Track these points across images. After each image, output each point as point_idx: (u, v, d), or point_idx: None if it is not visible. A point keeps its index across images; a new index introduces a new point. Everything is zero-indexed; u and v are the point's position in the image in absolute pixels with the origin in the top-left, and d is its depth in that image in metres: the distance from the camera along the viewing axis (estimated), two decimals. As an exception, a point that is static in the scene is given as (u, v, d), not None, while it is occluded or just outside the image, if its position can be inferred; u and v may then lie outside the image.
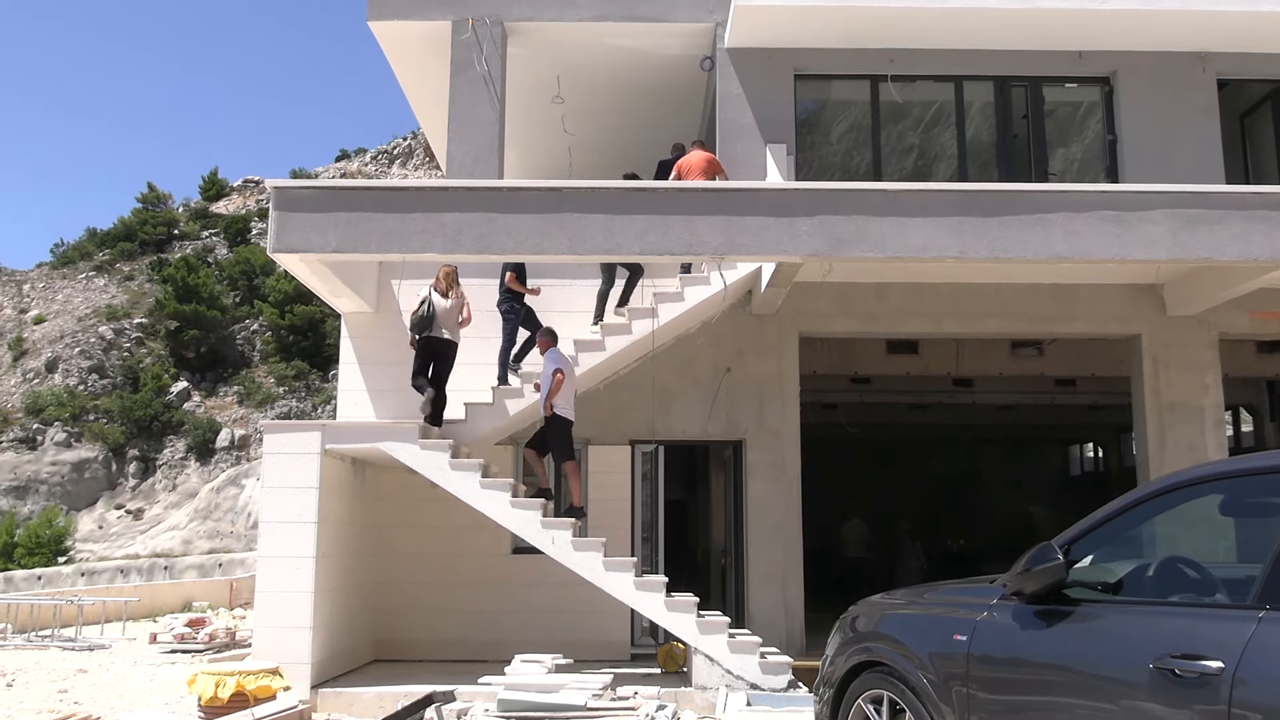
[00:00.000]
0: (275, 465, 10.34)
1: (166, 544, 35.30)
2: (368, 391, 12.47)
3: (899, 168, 13.73)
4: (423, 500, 11.74)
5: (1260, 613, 3.06)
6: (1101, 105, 13.60)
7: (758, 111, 13.09)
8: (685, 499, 18.58)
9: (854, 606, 5.33)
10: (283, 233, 9.69)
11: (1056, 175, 13.56)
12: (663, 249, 9.82)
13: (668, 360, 12.47)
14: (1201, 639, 3.16)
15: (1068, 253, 9.80)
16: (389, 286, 12.64)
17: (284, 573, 10.08)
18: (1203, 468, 3.77)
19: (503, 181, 11.69)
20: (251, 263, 47.91)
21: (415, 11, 13.29)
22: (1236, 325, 12.75)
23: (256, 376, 43.70)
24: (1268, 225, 9.83)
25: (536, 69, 14.30)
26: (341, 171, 58.33)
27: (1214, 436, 12.60)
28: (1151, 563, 3.82)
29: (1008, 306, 12.70)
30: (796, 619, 12.20)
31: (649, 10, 13.27)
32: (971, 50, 13.24)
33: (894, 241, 9.73)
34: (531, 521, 10.12)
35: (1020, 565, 3.89)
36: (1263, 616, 3.04)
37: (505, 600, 12.17)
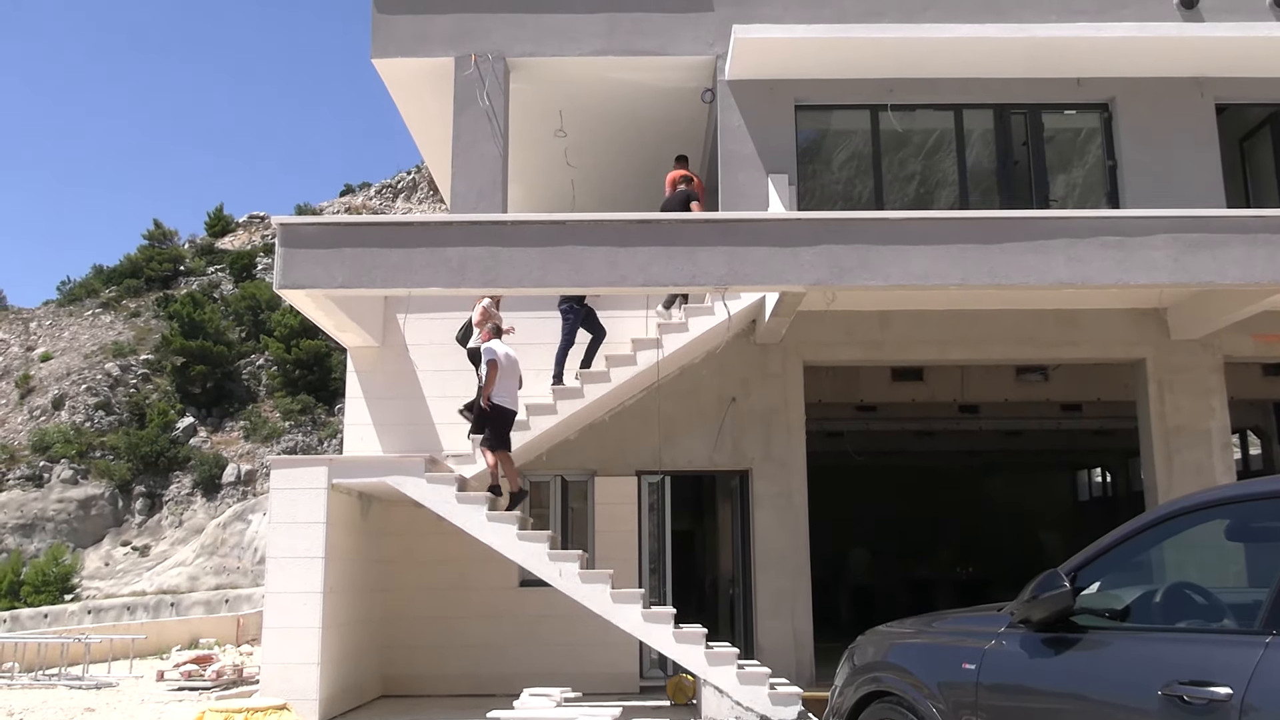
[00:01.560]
0: (282, 500, 10.35)
1: (173, 580, 35.23)
2: (374, 425, 12.49)
3: (901, 195, 13.79)
4: (429, 534, 11.73)
5: (1267, 638, 3.06)
6: (1101, 131, 13.67)
7: (759, 142, 13.17)
8: (692, 529, 18.53)
9: (862, 636, 5.32)
10: (289, 269, 9.75)
11: (1057, 201, 13.62)
12: (666, 280, 9.86)
13: (673, 391, 12.49)
14: (1209, 665, 3.16)
15: (1070, 278, 9.83)
16: (394, 321, 12.70)
17: (291, 608, 10.06)
18: (1207, 493, 3.77)
19: (506, 215, 11.77)
20: (257, 298, 48.11)
21: (419, 49, 13.43)
22: (1241, 348, 12.74)
23: (263, 411, 43.76)
24: (1269, 248, 9.85)
25: (539, 103, 14.42)
26: (346, 206, 58.65)
27: (1221, 460, 12.57)
28: (1158, 589, 3.82)
29: (1012, 332, 12.72)
30: (806, 649, 12.14)
31: (650, 44, 13.39)
32: (970, 79, 13.33)
33: (896, 270, 9.76)
34: (538, 554, 10.11)
35: (1027, 593, 3.89)
36: (1270, 642, 3.04)
37: (513, 634, 12.13)
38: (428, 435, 12.11)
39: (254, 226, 58.13)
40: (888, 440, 20.43)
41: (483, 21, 13.47)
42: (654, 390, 12.24)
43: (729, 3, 13.42)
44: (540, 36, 13.45)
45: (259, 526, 35.73)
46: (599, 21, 13.41)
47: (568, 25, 13.44)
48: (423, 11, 13.50)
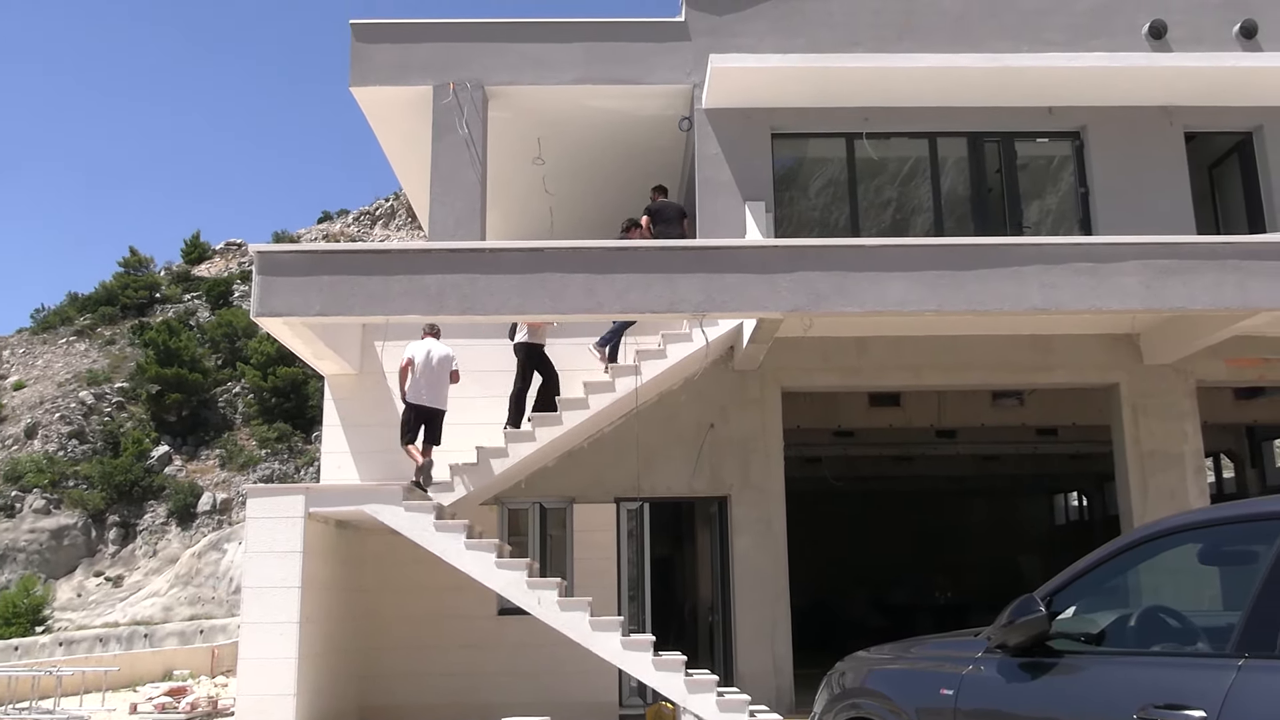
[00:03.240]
0: (258, 529, 10.28)
1: (147, 611, 34.80)
2: (351, 454, 12.44)
3: (876, 222, 13.92)
4: (408, 563, 11.67)
5: (1240, 661, 3.09)
6: (1073, 159, 13.86)
7: (736, 170, 13.27)
8: (671, 556, 18.50)
9: (841, 662, 5.33)
10: (266, 297, 9.73)
11: (1031, 228, 13.77)
12: (644, 307, 9.89)
13: (651, 417, 12.50)
14: (1183, 688, 3.18)
15: (1044, 304, 9.93)
16: (372, 348, 12.67)
17: (267, 639, 9.97)
18: (1180, 517, 3.81)
19: (485, 243, 11.79)
20: (234, 325, 47.86)
21: (397, 78, 13.49)
22: (1214, 373, 12.88)
23: (239, 439, 43.44)
24: (1239, 274, 9.99)
25: (517, 131, 14.49)
26: (324, 233, 58.54)
27: (1195, 484, 12.67)
28: (1133, 612, 3.85)
29: (987, 358, 12.82)
30: (785, 676, 12.12)
31: (627, 73, 13.50)
32: (944, 107, 13.50)
33: (873, 296, 9.84)
34: (517, 582, 10.07)
35: (1004, 618, 3.92)
36: (1242, 665, 3.07)
37: (492, 662, 12.05)
38: (406, 463, 12.05)
39: (231, 253, 57.90)
40: (866, 465, 20.52)
41: (461, 50, 13.55)
42: (632, 417, 12.25)
43: (706, 32, 13.56)
44: (519, 65, 13.54)
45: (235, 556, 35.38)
46: (577, 50, 13.52)
47: (546, 54, 13.53)
48: (401, 41, 13.57)
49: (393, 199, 58.27)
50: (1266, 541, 3.27)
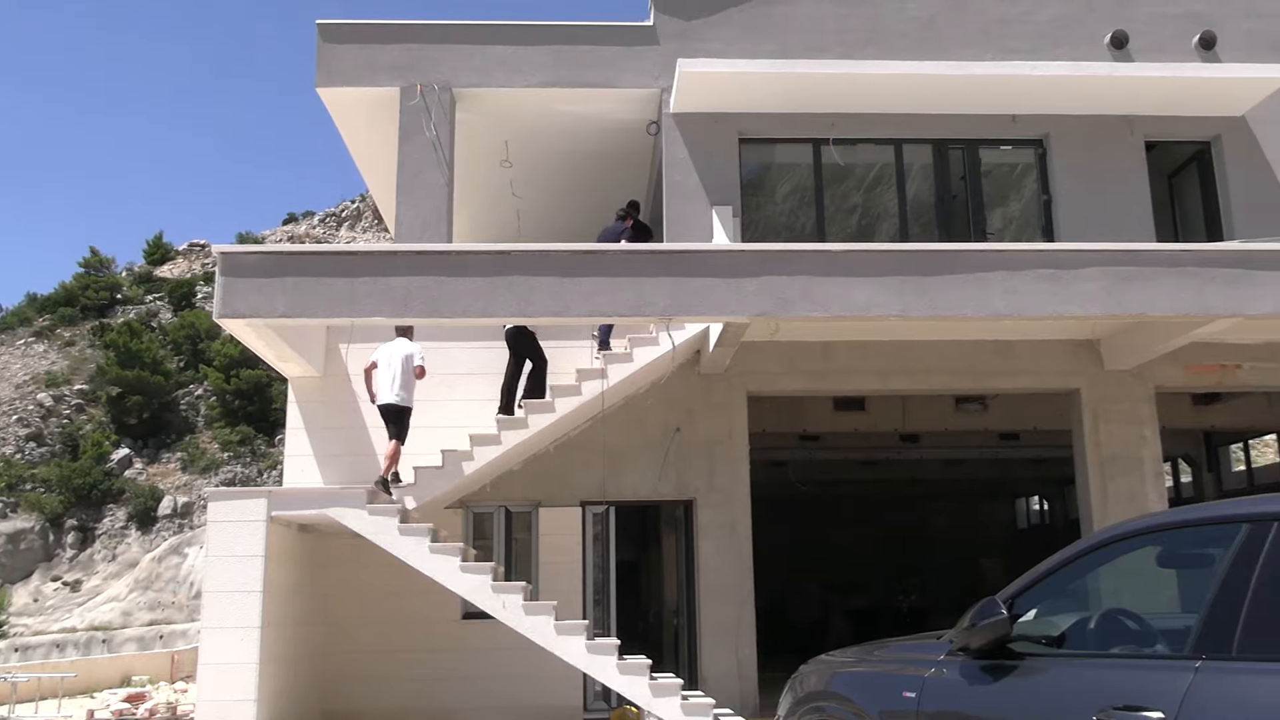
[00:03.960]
0: (220, 533, 10.17)
1: (105, 616, 34.31)
2: (315, 457, 12.34)
3: (842, 228, 14.00)
4: (371, 567, 11.58)
5: (1197, 662, 3.12)
6: (1036, 166, 14.01)
7: (703, 174, 13.31)
8: (637, 560, 18.50)
9: (805, 665, 5.34)
10: (229, 298, 9.63)
11: (995, 234, 13.91)
12: (611, 310, 9.89)
13: (618, 421, 12.49)
14: (1142, 690, 3.22)
15: (1007, 310, 10.02)
16: (337, 350, 12.58)
17: (228, 644, 9.87)
18: (1139, 520, 3.86)
19: (451, 245, 11.74)
20: (196, 327, 47.32)
21: (364, 79, 13.41)
22: (1172, 379, 13.06)
23: (201, 442, 42.95)
24: (1197, 281, 10.14)
25: (485, 134, 14.44)
26: (289, 234, 58.03)
27: (1154, 488, 12.84)
28: (1093, 615, 3.89)
29: (951, 363, 12.92)
30: (750, 679, 12.14)
31: (596, 77, 13.50)
32: (910, 114, 13.61)
33: (838, 301, 9.89)
34: (481, 586, 10.03)
35: (966, 621, 3.94)
36: (1199, 666, 3.10)
37: (455, 667, 11.99)
38: (370, 466, 11.98)
39: (194, 254, 57.27)
40: (831, 469, 20.62)
41: (429, 52, 13.49)
42: (599, 421, 12.24)
43: (674, 37, 13.59)
44: (486, 68, 13.50)
45: (196, 560, 34.97)
46: (545, 53, 13.50)
47: (514, 57, 13.50)
48: (369, 42, 13.50)
49: (359, 201, 57.87)
50: (1223, 545, 3.31)
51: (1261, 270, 10.16)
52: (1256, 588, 3.10)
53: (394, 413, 11.25)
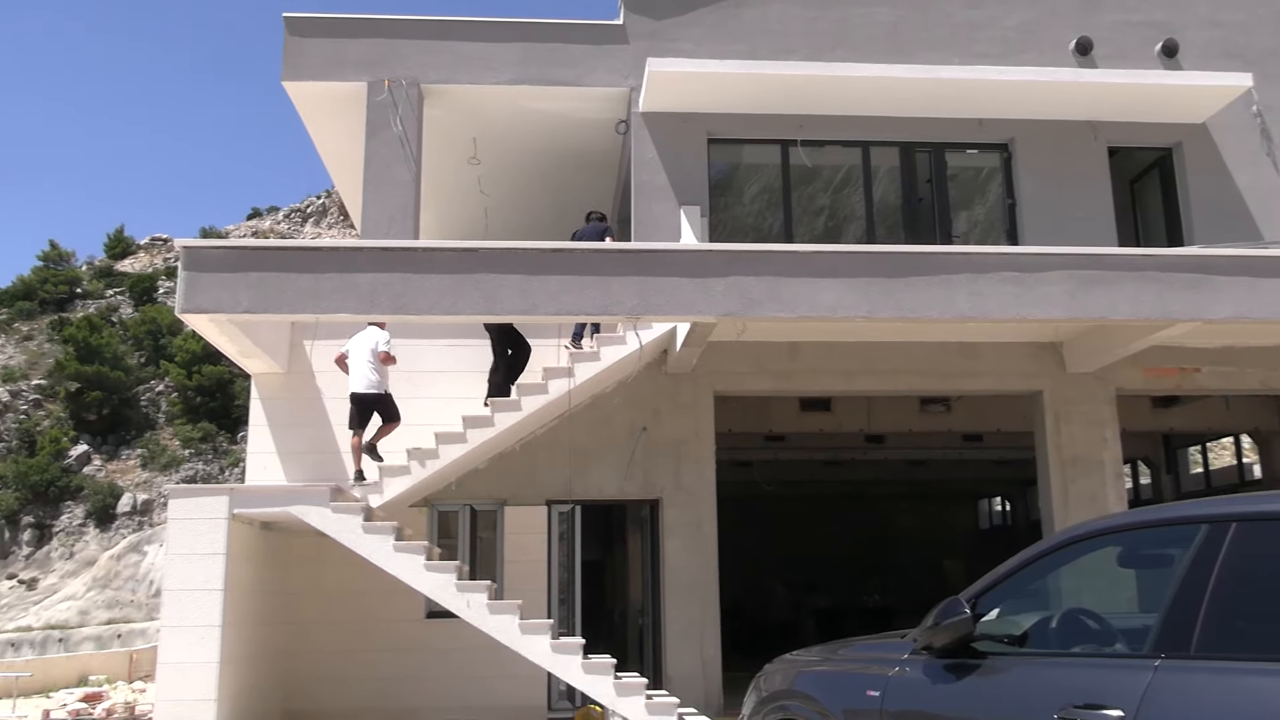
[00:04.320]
0: (180, 531, 10.05)
1: (62, 615, 33.80)
2: (278, 454, 12.23)
3: (810, 229, 14.06)
4: (335, 565, 11.49)
5: (1156, 661, 3.16)
6: (1001, 170, 14.14)
7: (672, 174, 13.32)
8: (602, 559, 18.49)
9: (770, 664, 5.36)
10: (192, 293, 9.52)
11: (960, 237, 14.02)
12: (578, 309, 9.87)
13: (584, 420, 12.47)
14: (1102, 688, 3.25)
15: (971, 312, 10.10)
16: (301, 347, 12.47)
17: (188, 643, 9.75)
18: (1100, 521, 3.90)
19: (418, 242, 11.66)
20: (158, 322, 46.73)
21: (331, 73, 13.30)
22: (1132, 381, 13.22)
23: (161, 439, 42.44)
24: (1157, 285, 10.27)
25: (453, 130, 14.37)
26: (253, 230, 57.47)
27: (1114, 489, 12.99)
28: (1054, 615, 3.93)
29: (916, 364, 13.01)
30: (714, 678, 12.16)
31: (565, 75, 13.47)
32: (877, 117, 13.69)
33: (805, 302, 9.93)
34: (446, 585, 9.98)
35: (929, 620, 3.97)
36: (1158, 665, 3.14)
37: (419, 666, 11.92)
38: (334, 464, 11.89)
39: (156, 249, 56.57)
40: (796, 470, 20.70)
41: (397, 47, 13.40)
42: (565, 419, 12.22)
43: (644, 36, 13.59)
44: (455, 64, 13.43)
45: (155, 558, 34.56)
46: (514, 50, 13.45)
47: (483, 53, 13.44)
48: (336, 36, 13.39)
49: (324, 196, 57.40)
50: (1182, 545, 3.36)
51: (1220, 275, 10.31)
52: (1214, 588, 3.14)
53: (364, 402, 11.25)
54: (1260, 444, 17.46)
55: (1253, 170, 14.08)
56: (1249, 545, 3.16)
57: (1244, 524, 3.21)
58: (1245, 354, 13.04)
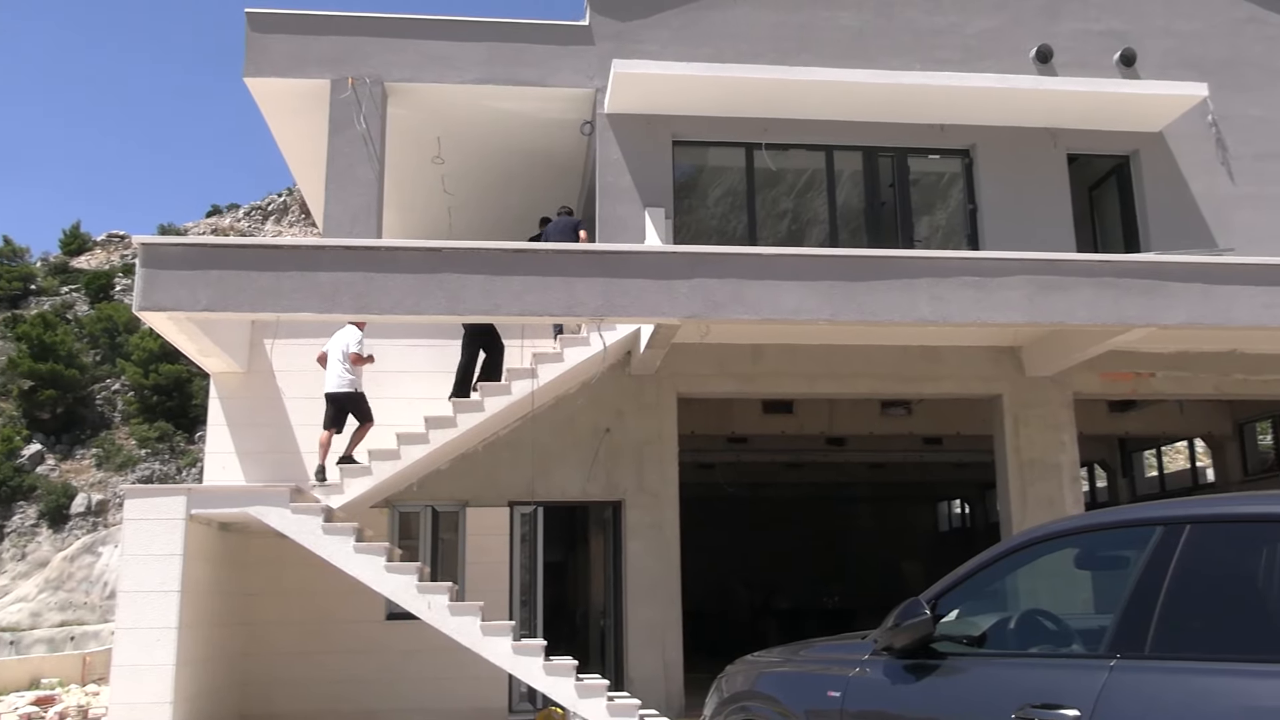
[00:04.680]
0: (136, 531, 9.91)
1: (13, 617, 33.22)
2: (237, 454, 12.10)
3: (773, 232, 14.12)
4: (294, 566, 11.39)
5: (1112, 661, 3.21)
6: (962, 176, 14.28)
7: (637, 175, 13.33)
8: (564, 560, 18.46)
9: (731, 665, 5.37)
10: (150, 290, 9.40)
11: (922, 242, 14.14)
12: (542, 310, 9.85)
13: (547, 421, 12.45)
14: (1059, 688, 3.29)
15: (932, 316, 10.19)
16: (261, 346, 12.35)
17: (143, 645, 9.62)
18: (1057, 523, 3.95)
19: (381, 241, 11.60)
20: (114, 320, 46.07)
21: (293, 70, 13.18)
22: (1090, 386, 13.39)
23: (117, 438, 41.84)
24: (1114, 291, 10.42)
25: (417, 129, 14.29)
26: (213, 227, 56.83)
27: (1071, 492, 13.15)
28: (1013, 615, 3.98)
29: (877, 367, 13.10)
30: (676, 680, 12.18)
31: (530, 75, 13.44)
32: (841, 121, 13.78)
33: (768, 304, 9.97)
34: (406, 586, 9.92)
35: (890, 621, 4.00)
36: (1114, 665, 3.19)
37: (379, 668, 11.84)
38: (293, 465, 11.79)
39: (113, 245, 55.77)
40: (758, 471, 20.78)
41: (361, 45, 13.32)
42: (528, 420, 12.19)
43: (609, 37, 13.59)
44: (420, 62, 13.36)
45: (110, 559, 34.06)
46: (479, 50, 13.41)
47: (447, 52, 13.39)
48: (299, 32, 13.28)
49: (286, 194, 56.85)
50: (1137, 547, 3.41)
51: (1175, 282, 10.48)
52: (1169, 589, 3.19)
53: (336, 401, 11.33)
54: (1213, 448, 17.75)
55: (1207, 179, 14.32)
56: (1202, 547, 3.21)
57: (1198, 526, 3.26)
58: (1198, 359, 13.26)
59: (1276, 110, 14.63)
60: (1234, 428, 16.98)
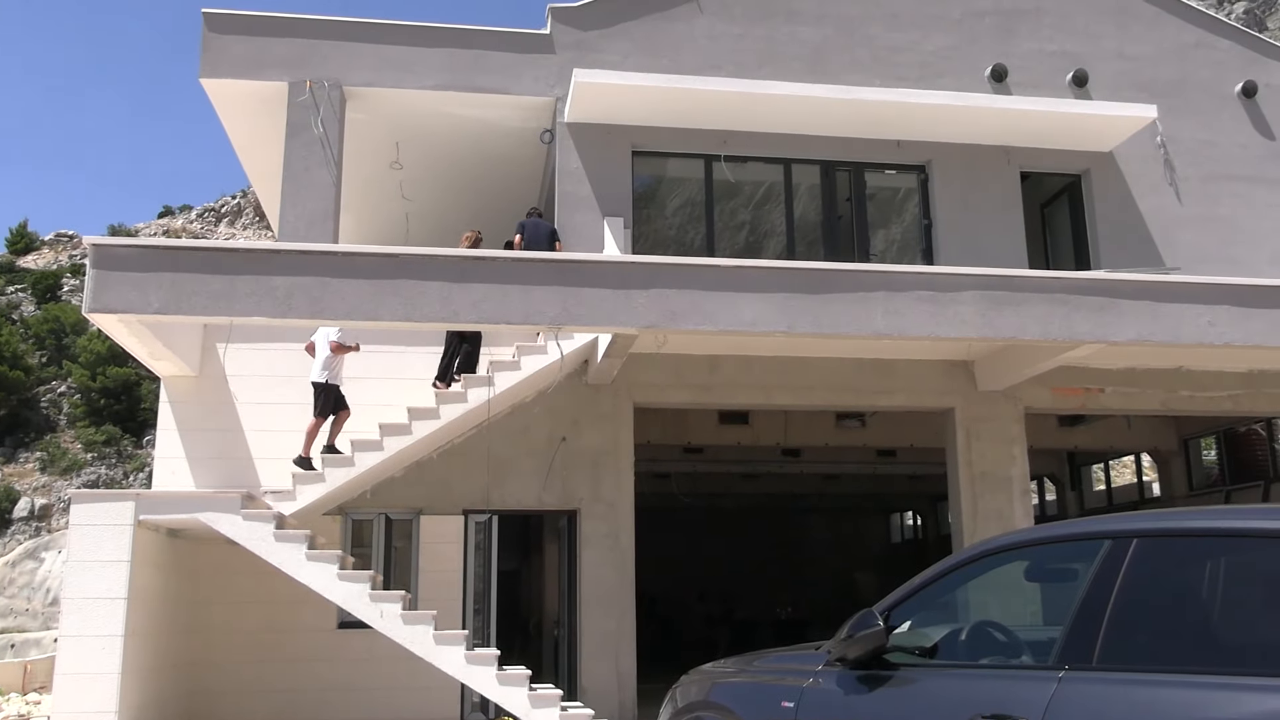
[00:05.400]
0: (82, 537, 9.73)
1: (-48, 624, 32.44)
2: (187, 459, 11.92)
3: (731, 243, 14.19)
4: (244, 574, 11.24)
5: (1060, 672, 3.26)
6: (918, 191, 14.45)
7: (596, 185, 13.34)
8: (519, 569, 18.38)
9: (685, 675, 5.38)
10: (100, 292, 9.25)
11: (877, 255, 14.29)
12: (500, 318, 9.81)
13: (503, 429, 12.40)
14: (1009, 699, 3.34)
15: (887, 330, 10.29)
16: (213, 349, 12.18)
17: (88, 653, 9.44)
18: (1007, 536, 4.01)
19: (338, 246, 11.50)
20: (62, 321, 45.24)
21: (251, 71, 13.06)
22: (1040, 400, 13.58)
23: (63, 442, 41.05)
24: (1065, 308, 10.59)
25: (375, 134, 14.21)
26: (165, 229, 56.00)
27: (1021, 505, 13.32)
28: (964, 627, 4.03)
29: (833, 380, 13.19)
30: (629, 690, 12.16)
31: (491, 82, 13.42)
32: (799, 135, 13.90)
33: (726, 316, 10.01)
34: (359, 595, 9.82)
35: (843, 632, 4.03)
36: (1063, 676, 3.24)
37: (330, 677, 11.70)
38: (245, 470, 11.64)
39: (61, 245, 54.77)
40: (714, 482, 20.83)
41: (319, 48, 13.22)
42: (484, 428, 12.13)
43: (570, 46, 13.61)
44: (379, 67, 13.30)
45: (53, 565, 33.39)
46: (439, 56, 13.36)
47: (407, 58, 13.33)
48: (257, 34, 13.16)
49: (240, 196, 56.17)
50: (1086, 560, 3.47)
51: (1125, 299, 10.67)
52: (1116, 601, 3.25)
53: (317, 389, 11.43)
54: (1159, 462, 18.08)
55: (1156, 198, 14.62)
56: (1148, 561, 3.27)
57: (1144, 540, 3.33)
58: (1146, 375, 13.50)
59: (1222, 134, 14.97)
60: (1179, 443, 17.31)
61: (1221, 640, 3.12)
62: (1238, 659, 2.98)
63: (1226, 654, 3.03)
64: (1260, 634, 3.04)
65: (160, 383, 12.22)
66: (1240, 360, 13.10)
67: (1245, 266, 14.16)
